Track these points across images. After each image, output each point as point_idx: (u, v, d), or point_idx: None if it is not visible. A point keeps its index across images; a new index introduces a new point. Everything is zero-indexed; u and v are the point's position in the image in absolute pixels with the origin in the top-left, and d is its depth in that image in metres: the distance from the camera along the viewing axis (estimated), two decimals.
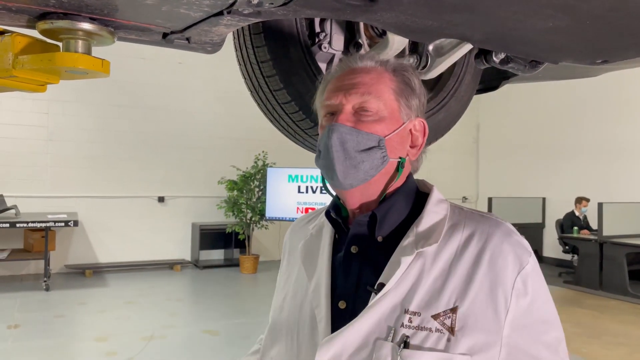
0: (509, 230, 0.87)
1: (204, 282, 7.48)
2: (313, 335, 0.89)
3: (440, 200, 0.93)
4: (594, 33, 1.12)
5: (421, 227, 0.88)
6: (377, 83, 0.90)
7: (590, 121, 9.10)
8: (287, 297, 1.00)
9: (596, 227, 7.62)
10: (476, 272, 0.83)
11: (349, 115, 0.89)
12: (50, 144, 7.56)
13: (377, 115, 0.89)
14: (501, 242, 0.85)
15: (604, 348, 4.88)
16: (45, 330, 4.99)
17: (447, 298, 0.82)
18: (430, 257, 0.85)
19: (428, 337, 0.80)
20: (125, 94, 7.97)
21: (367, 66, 0.93)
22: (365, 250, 0.91)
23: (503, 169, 10.82)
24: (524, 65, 1.33)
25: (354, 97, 0.89)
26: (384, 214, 0.91)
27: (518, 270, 0.83)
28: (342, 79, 0.92)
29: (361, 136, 0.88)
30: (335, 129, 0.88)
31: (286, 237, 1.12)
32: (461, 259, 0.84)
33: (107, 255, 7.95)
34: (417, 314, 0.81)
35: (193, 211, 8.59)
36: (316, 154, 0.94)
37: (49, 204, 7.48)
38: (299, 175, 7.50)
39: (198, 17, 1.07)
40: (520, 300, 0.82)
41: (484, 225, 0.87)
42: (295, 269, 1.02)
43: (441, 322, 0.80)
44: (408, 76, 0.93)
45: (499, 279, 0.82)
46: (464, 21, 1.09)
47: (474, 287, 0.82)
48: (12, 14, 1.05)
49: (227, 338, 4.92)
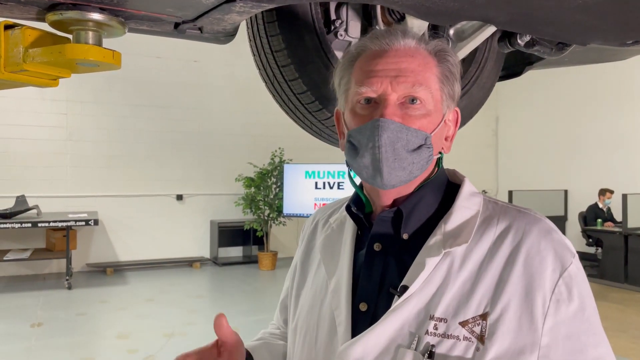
0: (548, 227, 0.78)
1: (223, 279, 7.51)
2: (332, 339, 0.83)
3: (472, 193, 0.85)
4: (625, 11, 1.06)
5: (450, 224, 0.80)
6: (424, 70, 0.80)
7: (612, 111, 8.90)
8: (307, 295, 0.93)
9: (620, 219, 7.46)
10: (510, 273, 0.74)
11: (395, 109, 0.79)
12: (69, 144, 7.65)
13: (425, 109, 0.80)
14: (539, 240, 0.76)
15: (632, 342, 4.77)
16: (68, 328, 5.05)
17: (476, 303, 0.74)
18: (458, 258, 0.77)
19: (455, 346, 0.72)
20: (142, 93, 8.02)
21: (410, 47, 0.82)
22: (389, 249, 0.83)
23: (523, 161, 10.65)
24: (550, 48, 1.27)
25: (403, 86, 0.79)
26: (411, 209, 0.83)
27: (560, 272, 0.74)
28: (381, 60, 0.81)
29: (411, 134, 0.79)
30: (385, 126, 0.77)
31: (306, 224, 1.05)
32: (493, 259, 0.76)
33: (127, 253, 8.02)
34: (443, 320, 0.74)
35: (211, 209, 8.62)
36: (347, 147, 0.84)
37: (69, 203, 7.57)
38: (316, 171, 7.47)
39: (210, 4, 1.04)
40: (563, 306, 0.73)
41: (520, 222, 0.79)
42: (314, 264, 0.96)
43: (470, 330, 0.73)
44: (452, 61, 0.84)
45: (536, 282, 0.73)
46: (488, 1, 1.03)
47: (507, 291, 0.73)
48: (21, 6, 1.03)
49: (247, 334, 4.85)
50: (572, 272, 0.75)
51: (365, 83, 0.80)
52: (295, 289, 0.98)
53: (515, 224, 0.79)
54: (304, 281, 0.97)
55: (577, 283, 0.75)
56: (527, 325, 0.72)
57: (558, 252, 0.75)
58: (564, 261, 0.75)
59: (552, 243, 0.76)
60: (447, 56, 0.84)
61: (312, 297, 0.91)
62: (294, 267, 1.03)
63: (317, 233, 1.00)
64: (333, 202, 1.06)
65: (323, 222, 1.00)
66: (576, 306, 0.73)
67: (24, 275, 7.34)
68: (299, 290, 0.97)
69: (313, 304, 0.90)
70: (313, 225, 1.03)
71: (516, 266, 0.75)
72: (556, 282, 0.73)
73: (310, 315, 0.89)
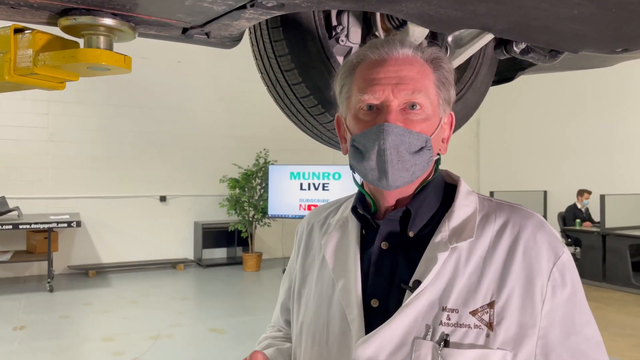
0: (540, 221, 0.86)
1: (208, 280, 7.48)
2: (345, 336, 0.86)
3: (468, 192, 0.92)
4: (618, 20, 1.11)
5: (453, 221, 0.86)
6: (422, 78, 0.86)
7: (591, 114, 9.11)
8: (311, 295, 0.96)
9: (598, 220, 7.64)
10: (511, 264, 0.82)
11: (398, 114, 0.84)
12: (51, 144, 7.54)
13: (424, 114, 0.86)
14: (534, 233, 0.84)
15: (612, 340, 4.89)
16: (52, 331, 4.99)
17: (483, 293, 0.80)
18: (464, 252, 0.83)
19: (467, 334, 0.79)
20: (125, 93, 7.95)
21: (408, 55, 0.87)
22: (396, 247, 0.88)
23: (504, 163, 10.82)
24: (544, 55, 1.32)
25: (404, 93, 0.84)
26: (417, 209, 0.89)
27: (554, 261, 0.82)
28: (382, 68, 0.86)
29: (413, 137, 0.84)
30: (390, 130, 0.82)
31: (301, 227, 1.08)
32: (495, 252, 0.83)
33: (110, 255, 7.94)
34: (455, 311, 0.80)
35: (195, 210, 8.58)
36: (352, 151, 0.89)
37: (51, 205, 7.47)
38: (301, 172, 7.50)
39: (221, 11, 1.07)
40: (558, 291, 0.81)
41: (515, 217, 0.86)
42: (316, 266, 0.98)
43: (479, 318, 0.79)
44: (446, 68, 0.89)
45: (534, 270, 0.81)
46: (488, 11, 1.08)
47: (510, 281, 0.81)
48: (33, 11, 1.04)
49: (233, 336, 4.92)
50: (565, 260, 0.83)
51: (367, 90, 0.85)
52: (297, 291, 1.00)
53: (512, 219, 0.86)
54: (305, 282, 0.99)
55: (569, 270, 0.83)
56: (529, 310, 0.80)
57: (551, 243, 0.84)
58: (557, 251, 0.83)
59: (546, 235, 0.84)
60: (442, 63, 0.89)
61: (317, 297, 0.94)
62: (290, 270, 1.07)
63: (315, 235, 1.03)
64: (324, 204, 1.11)
65: (320, 224, 1.04)
66: (569, 290, 0.82)
67: (4, 278, 7.22)
68: (300, 291, 1.00)
69: (319, 303, 0.93)
70: (309, 228, 1.06)
71: (516, 258, 0.82)
72: (551, 270, 0.81)
73: (317, 315, 0.92)
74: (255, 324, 5.21)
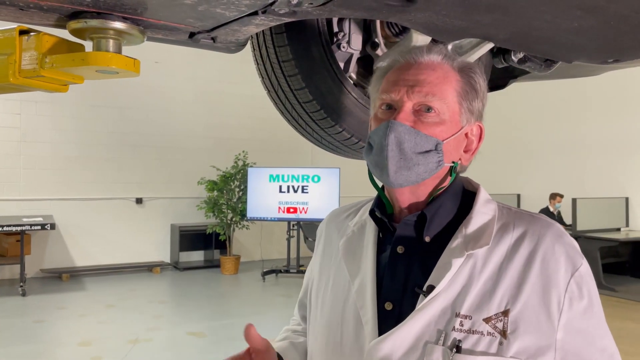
0: (560, 231, 0.86)
1: (185, 284, 7.40)
2: (358, 336, 0.87)
3: (488, 200, 0.92)
4: (615, 33, 1.16)
5: (470, 228, 0.87)
6: (442, 83, 0.87)
7: (563, 119, 9.34)
8: (327, 295, 0.97)
9: (570, 222, 7.82)
10: (528, 274, 0.81)
11: (408, 114, 0.86)
12: (23, 145, 7.36)
13: (438, 118, 0.87)
14: (553, 243, 0.83)
15: None
16: (26, 335, 4.87)
17: (498, 300, 0.80)
18: (480, 259, 0.84)
19: (480, 340, 0.78)
20: (101, 93, 7.80)
21: (433, 61, 0.89)
22: (411, 251, 0.89)
23: (477, 166, 10.83)
24: (540, 65, 1.37)
25: (417, 95, 0.86)
26: (433, 214, 0.89)
27: (572, 272, 0.82)
28: (405, 71, 0.89)
29: (419, 138, 0.85)
30: (394, 127, 0.85)
31: (321, 228, 1.10)
32: (512, 260, 0.83)
33: (84, 258, 7.77)
34: (468, 317, 0.80)
35: (172, 212, 8.48)
36: (366, 147, 0.91)
37: (23, 207, 7.29)
38: (280, 175, 7.49)
39: (232, 17, 1.07)
40: (575, 303, 0.81)
41: (534, 226, 0.86)
42: (333, 267, 1.00)
43: (493, 326, 0.79)
44: (475, 78, 0.90)
45: (551, 281, 0.81)
46: (493, 21, 1.11)
47: (526, 290, 0.80)
48: (42, 13, 1.02)
49: (213, 339, 4.88)
50: (582, 272, 0.83)
51: (386, 91, 0.89)
52: (315, 289, 1.02)
53: (531, 228, 0.86)
54: (321, 282, 1.01)
55: (587, 282, 0.83)
56: (545, 321, 0.79)
57: (570, 255, 0.83)
58: (575, 262, 0.83)
59: (565, 246, 0.84)
60: (471, 73, 0.91)
61: (333, 297, 0.95)
62: (311, 268, 1.09)
63: (333, 236, 1.04)
64: (345, 205, 1.12)
65: (339, 225, 1.05)
66: (586, 303, 0.82)
67: None
68: (318, 290, 1.01)
69: (334, 303, 0.94)
70: (329, 229, 1.08)
71: (534, 267, 0.82)
72: (568, 282, 0.81)
73: (332, 314, 0.93)
74: (235, 327, 5.18)
